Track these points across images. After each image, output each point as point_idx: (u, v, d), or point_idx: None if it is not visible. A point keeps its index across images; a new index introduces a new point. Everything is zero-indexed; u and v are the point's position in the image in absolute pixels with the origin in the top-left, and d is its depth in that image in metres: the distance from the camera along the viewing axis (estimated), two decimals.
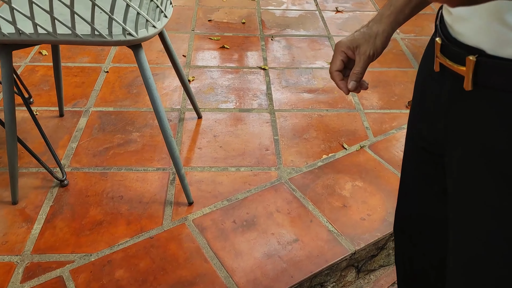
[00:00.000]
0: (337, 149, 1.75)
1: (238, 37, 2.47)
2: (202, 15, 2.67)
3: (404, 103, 2.02)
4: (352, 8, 2.85)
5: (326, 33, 2.56)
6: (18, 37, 1.11)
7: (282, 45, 2.43)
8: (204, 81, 2.10)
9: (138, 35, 1.19)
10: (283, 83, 2.12)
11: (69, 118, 1.82)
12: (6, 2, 1.03)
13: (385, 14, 0.76)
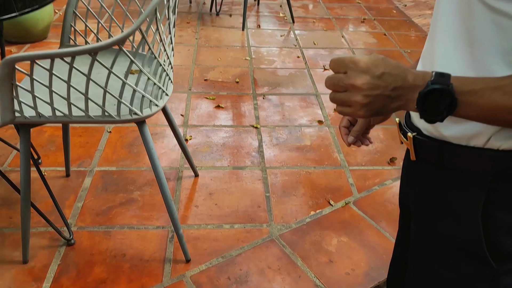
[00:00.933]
0: (323, 205, 1.89)
1: (232, 95, 2.66)
2: (199, 74, 2.86)
3: (386, 160, 2.18)
4: None
5: (314, 91, 2.75)
6: (38, 119, 1.27)
7: (273, 103, 2.61)
8: (200, 140, 2.26)
9: (143, 114, 1.34)
10: (274, 141, 2.28)
11: (75, 178, 1.96)
12: (30, 91, 1.19)
13: None
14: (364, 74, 0.61)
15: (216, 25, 3.64)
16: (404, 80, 0.62)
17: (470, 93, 0.60)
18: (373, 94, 0.61)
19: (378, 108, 0.63)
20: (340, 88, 0.64)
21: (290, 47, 3.32)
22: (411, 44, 3.46)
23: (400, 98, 0.63)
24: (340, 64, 0.63)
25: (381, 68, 0.61)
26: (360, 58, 0.62)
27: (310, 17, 3.92)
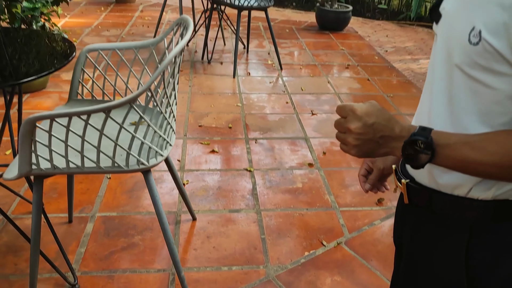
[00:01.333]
0: (317, 246, 1.98)
1: (225, 140, 2.78)
2: (193, 121, 2.99)
3: (374, 201, 2.30)
4: (325, 111, 3.23)
5: (303, 135, 2.89)
6: (53, 170, 1.37)
7: (265, 147, 2.74)
8: (197, 184, 2.36)
9: (149, 164, 1.45)
10: (267, 184, 2.39)
11: (77, 224, 2.03)
12: (48, 146, 1.29)
13: None
14: (358, 121, 0.75)
15: (208, 73, 3.81)
16: (392, 131, 0.75)
17: (445, 146, 0.72)
18: (363, 139, 0.75)
19: (367, 151, 0.77)
20: (341, 129, 0.78)
21: (279, 93, 3.49)
22: (393, 89, 3.67)
23: (387, 145, 0.76)
24: (342, 110, 0.78)
25: (373, 118, 0.75)
26: (357, 107, 0.76)
27: (297, 64, 4.13)
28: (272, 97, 3.43)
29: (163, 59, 1.62)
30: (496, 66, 0.70)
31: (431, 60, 0.85)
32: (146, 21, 5.19)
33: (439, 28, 0.82)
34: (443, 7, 0.81)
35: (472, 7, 0.73)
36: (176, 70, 1.45)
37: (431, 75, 0.83)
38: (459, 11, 0.76)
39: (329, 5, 5.06)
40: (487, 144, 0.71)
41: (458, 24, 0.75)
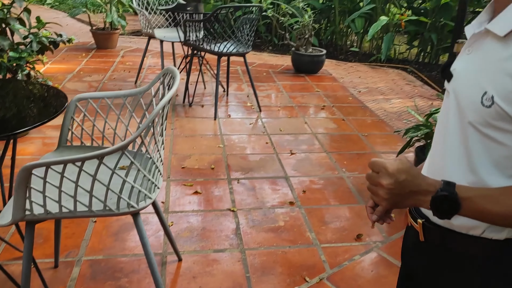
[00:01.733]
0: (300, 282, 2.04)
1: (208, 181, 2.86)
2: (176, 163, 3.07)
3: (353, 236, 2.39)
4: (303, 150, 3.35)
5: (283, 174, 3.00)
6: (45, 216, 1.42)
7: (247, 187, 2.82)
8: (181, 225, 2.41)
9: (139, 206, 1.52)
10: (250, 223, 2.46)
11: (63, 269, 2.05)
12: (42, 192, 1.36)
13: None
14: (390, 178, 0.85)
15: (189, 116, 3.92)
16: (420, 186, 0.85)
17: (467, 199, 0.82)
18: (393, 193, 0.86)
19: (396, 203, 0.88)
20: (373, 182, 0.89)
21: (259, 134, 3.62)
22: (368, 128, 3.84)
23: (415, 199, 0.86)
24: (375, 166, 0.88)
25: (404, 175, 0.84)
26: (389, 165, 0.85)
27: (275, 105, 4.30)
28: (252, 138, 3.55)
29: (150, 107, 1.73)
30: (506, 126, 0.80)
31: (443, 115, 0.94)
32: (127, 66, 5.32)
33: (451, 86, 0.91)
34: (454, 68, 0.92)
35: (484, 74, 0.83)
36: (164, 118, 1.55)
37: (443, 129, 0.93)
38: (471, 75, 0.86)
39: (304, 49, 5.31)
40: (505, 198, 0.81)
41: (471, 86, 0.85)
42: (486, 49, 0.85)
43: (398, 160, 0.87)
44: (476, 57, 0.87)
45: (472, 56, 0.88)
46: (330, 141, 3.56)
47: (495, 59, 0.82)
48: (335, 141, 3.55)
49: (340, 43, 6.74)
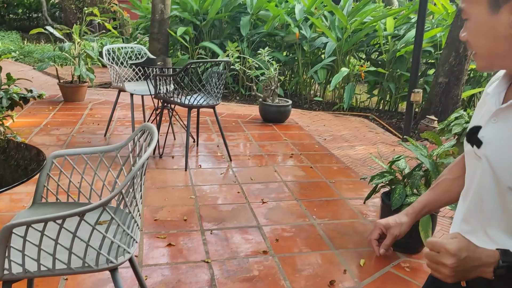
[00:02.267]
0: None
1: (182, 233, 2.87)
2: (149, 215, 3.07)
3: (326, 283, 2.44)
4: (274, 198, 3.43)
5: (256, 223, 3.05)
6: (24, 275, 1.42)
7: (220, 237, 2.85)
8: (156, 279, 2.40)
9: (118, 261, 1.54)
10: (225, 274, 2.47)
11: None
12: (21, 251, 1.36)
13: (409, 212, 1.21)
14: (453, 257, 0.90)
15: (160, 167, 3.96)
16: (480, 260, 0.91)
17: None
18: (457, 270, 0.91)
19: (460, 278, 0.92)
20: (435, 261, 0.92)
21: (230, 183, 3.68)
22: (334, 175, 3.97)
23: (477, 272, 0.92)
24: (435, 246, 0.92)
25: (464, 253, 0.90)
26: (450, 246, 0.90)
27: (245, 154, 4.40)
28: (224, 187, 3.60)
29: (127, 163, 1.78)
30: None
31: (472, 179, 1.02)
32: (96, 119, 5.35)
33: (481, 152, 0.98)
34: (483, 135, 0.99)
35: None
36: (143, 173, 1.61)
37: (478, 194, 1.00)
38: (505, 142, 0.93)
39: (270, 100, 5.51)
40: None
41: (507, 153, 0.92)
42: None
43: (457, 239, 0.92)
44: (505, 126, 0.95)
45: (501, 125, 0.96)
46: (300, 188, 3.66)
47: None
48: (304, 189, 3.65)
49: (304, 93, 7.02)
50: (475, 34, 0.97)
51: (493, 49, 0.95)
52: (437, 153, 2.65)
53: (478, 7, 0.95)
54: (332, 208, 3.32)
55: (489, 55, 0.97)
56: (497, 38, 0.93)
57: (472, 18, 0.97)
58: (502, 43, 0.93)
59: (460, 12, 1.00)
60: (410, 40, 6.01)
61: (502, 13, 0.91)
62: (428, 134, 2.81)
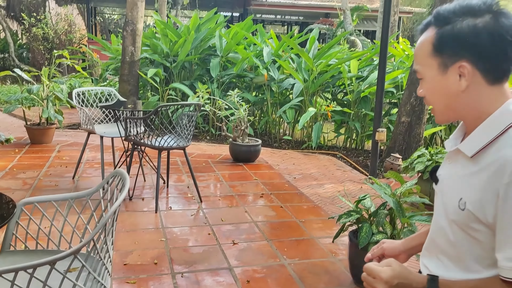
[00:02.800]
0: None
1: (152, 277, 2.84)
2: (118, 260, 3.03)
3: None
4: (245, 239, 3.45)
5: (227, 265, 3.05)
6: None
7: (191, 280, 2.84)
8: None
9: None
10: None
11: None
12: None
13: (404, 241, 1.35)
14: (385, 284, 1.05)
15: (130, 210, 3.93)
16: (411, 286, 1.05)
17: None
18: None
19: None
20: (370, 285, 1.07)
21: (201, 225, 3.69)
22: (304, 214, 4.04)
23: None
24: (371, 273, 1.08)
25: (396, 280, 1.05)
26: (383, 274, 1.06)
27: (216, 195, 4.42)
28: (194, 229, 3.60)
29: (98, 209, 1.80)
30: (478, 227, 1.02)
31: (436, 210, 1.17)
32: (64, 161, 5.28)
33: (438, 187, 1.15)
34: (440, 173, 1.16)
35: (460, 182, 1.06)
36: (115, 219, 1.63)
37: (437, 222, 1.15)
38: (452, 182, 1.09)
39: (240, 140, 5.60)
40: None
41: (451, 191, 1.08)
42: (460, 163, 1.09)
43: (390, 268, 1.08)
44: (454, 169, 1.10)
45: (452, 166, 1.12)
46: (270, 228, 3.70)
47: (465, 173, 1.05)
48: (275, 229, 3.69)
49: (274, 132, 7.16)
50: (431, 92, 1.10)
51: (448, 105, 1.08)
52: (400, 192, 2.77)
53: (430, 69, 1.08)
54: (303, 248, 3.36)
55: (445, 109, 1.09)
56: (450, 95, 1.06)
57: (426, 78, 1.10)
58: (454, 99, 1.06)
59: (415, 73, 1.14)
60: (373, 81, 6.29)
61: (450, 73, 1.05)
62: (391, 174, 2.93)
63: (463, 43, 1.02)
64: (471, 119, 1.07)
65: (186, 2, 16.00)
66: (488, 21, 1.00)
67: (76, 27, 14.27)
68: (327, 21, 16.72)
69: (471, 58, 1.02)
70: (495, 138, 1.01)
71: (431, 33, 1.07)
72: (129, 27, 7.29)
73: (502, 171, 0.96)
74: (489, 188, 0.98)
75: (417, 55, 1.11)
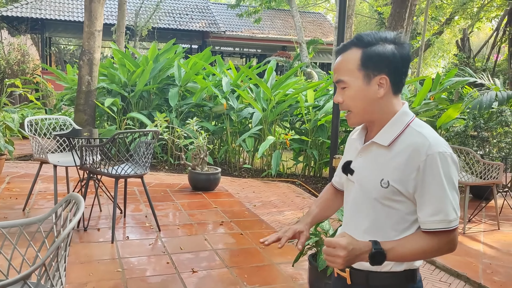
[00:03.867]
0: None
1: None
2: None
3: None
4: (205, 267, 3.39)
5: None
6: None
7: None
8: None
9: None
10: None
11: None
12: None
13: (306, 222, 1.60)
14: (344, 249, 1.26)
15: (84, 241, 3.79)
16: (361, 250, 1.28)
17: (389, 250, 1.30)
18: (348, 259, 1.27)
19: (348, 264, 1.29)
20: (331, 255, 1.27)
21: (159, 254, 3.60)
22: None
23: (359, 258, 1.29)
24: (331, 243, 1.27)
25: (351, 246, 1.27)
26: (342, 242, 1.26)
27: (174, 224, 4.35)
28: (153, 258, 3.51)
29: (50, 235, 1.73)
30: (398, 198, 1.33)
31: (350, 196, 1.45)
32: (14, 193, 5.06)
33: (354, 177, 1.42)
34: (354, 166, 1.43)
35: (379, 167, 1.35)
36: (68, 244, 1.57)
37: (353, 206, 1.43)
38: (369, 169, 1.38)
39: (200, 168, 5.57)
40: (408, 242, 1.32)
41: (371, 176, 1.36)
42: (375, 153, 1.38)
43: (345, 237, 1.29)
44: (368, 158, 1.40)
45: (365, 158, 1.41)
46: (230, 255, 3.66)
47: (384, 159, 1.35)
48: (235, 256, 3.66)
49: (233, 161, 7.17)
50: (354, 99, 1.37)
51: (365, 108, 1.38)
52: None
53: (357, 80, 1.36)
54: (263, 274, 3.34)
55: (363, 113, 1.39)
56: (369, 101, 1.36)
57: (351, 87, 1.37)
58: (372, 104, 1.37)
59: (338, 82, 1.40)
60: (329, 110, 6.48)
61: (373, 83, 1.35)
62: None
63: (385, 61, 1.33)
64: (380, 119, 1.38)
65: (145, 34, 16.02)
66: (397, 48, 1.34)
67: (30, 57, 13.93)
68: (284, 53, 17.18)
69: (388, 73, 1.34)
70: (402, 131, 1.34)
71: (356, 52, 1.36)
72: (86, 57, 7.21)
73: (418, 152, 1.28)
74: (410, 166, 1.29)
75: (342, 69, 1.38)
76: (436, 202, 1.29)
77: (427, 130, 1.34)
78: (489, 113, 5.95)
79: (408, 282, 1.38)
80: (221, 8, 21.70)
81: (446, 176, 1.28)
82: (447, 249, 1.33)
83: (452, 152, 1.32)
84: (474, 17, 16.32)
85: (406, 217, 1.35)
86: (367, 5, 23.26)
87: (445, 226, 1.29)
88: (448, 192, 1.28)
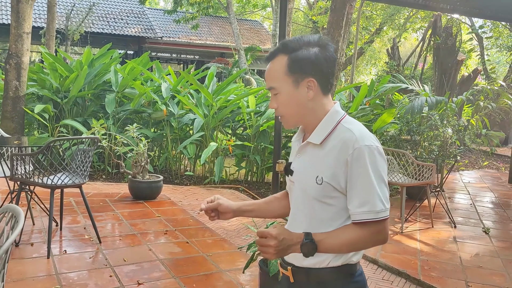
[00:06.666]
0: None
1: None
2: None
3: None
4: (151, 278, 3.26)
5: None
6: None
7: None
8: None
9: None
10: None
11: None
12: None
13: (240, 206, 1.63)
14: (275, 239, 1.29)
15: (16, 257, 3.51)
16: (292, 240, 1.32)
17: (320, 241, 1.33)
18: (279, 249, 1.31)
19: (281, 255, 1.33)
20: (263, 245, 1.30)
21: (101, 267, 3.41)
22: (210, 248, 3.96)
23: (292, 249, 1.33)
24: (263, 234, 1.31)
25: (282, 236, 1.30)
26: (273, 232, 1.29)
27: (116, 235, 4.15)
28: (94, 272, 3.32)
29: None
30: (333, 194, 1.37)
31: (292, 197, 1.49)
32: None
33: (294, 178, 1.46)
34: (293, 167, 1.46)
35: (313, 165, 1.39)
36: (6, 261, 1.43)
37: (296, 204, 1.47)
38: (305, 168, 1.41)
39: (141, 177, 5.39)
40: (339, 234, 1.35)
41: (307, 174, 1.40)
42: (310, 152, 1.42)
43: (276, 228, 1.32)
44: (305, 158, 1.44)
45: (302, 158, 1.45)
46: (177, 265, 3.55)
47: (318, 157, 1.39)
48: (182, 265, 3.55)
49: (174, 168, 7.02)
50: (286, 103, 1.42)
51: (298, 111, 1.42)
52: None
53: (287, 85, 1.40)
54: (211, 282, 3.27)
55: (297, 116, 1.43)
56: (300, 104, 1.41)
57: (282, 92, 1.41)
58: (304, 106, 1.42)
59: (270, 89, 1.43)
60: (270, 115, 6.54)
61: (301, 87, 1.40)
62: None
63: (310, 65, 1.38)
64: (314, 120, 1.43)
65: (77, 38, 15.33)
66: (320, 50, 1.39)
67: None
68: (223, 60, 17.19)
69: (315, 75, 1.39)
70: (333, 129, 1.39)
71: (282, 58, 1.40)
72: (13, 60, 6.75)
73: (346, 146, 1.33)
74: (339, 160, 1.34)
75: (272, 76, 1.42)
76: (363, 193, 1.32)
77: (356, 126, 1.38)
78: (420, 117, 6.30)
79: (346, 277, 1.41)
80: (158, 14, 21.33)
81: (373, 168, 1.32)
82: (377, 240, 1.35)
83: (379, 145, 1.36)
84: (401, 27, 17.27)
85: (341, 212, 1.38)
86: (302, 13, 23.90)
87: (373, 217, 1.32)
88: (375, 183, 1.31)
